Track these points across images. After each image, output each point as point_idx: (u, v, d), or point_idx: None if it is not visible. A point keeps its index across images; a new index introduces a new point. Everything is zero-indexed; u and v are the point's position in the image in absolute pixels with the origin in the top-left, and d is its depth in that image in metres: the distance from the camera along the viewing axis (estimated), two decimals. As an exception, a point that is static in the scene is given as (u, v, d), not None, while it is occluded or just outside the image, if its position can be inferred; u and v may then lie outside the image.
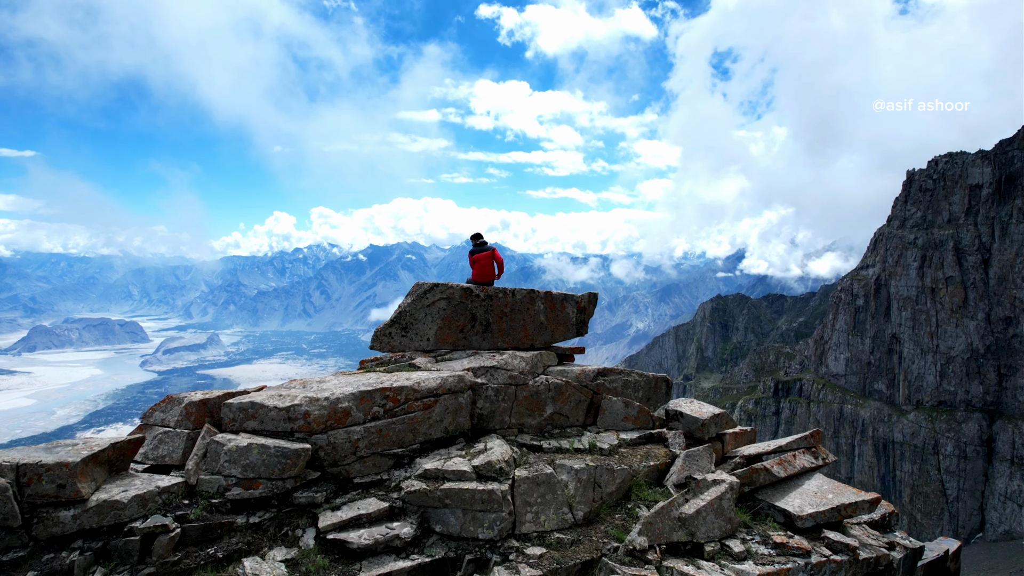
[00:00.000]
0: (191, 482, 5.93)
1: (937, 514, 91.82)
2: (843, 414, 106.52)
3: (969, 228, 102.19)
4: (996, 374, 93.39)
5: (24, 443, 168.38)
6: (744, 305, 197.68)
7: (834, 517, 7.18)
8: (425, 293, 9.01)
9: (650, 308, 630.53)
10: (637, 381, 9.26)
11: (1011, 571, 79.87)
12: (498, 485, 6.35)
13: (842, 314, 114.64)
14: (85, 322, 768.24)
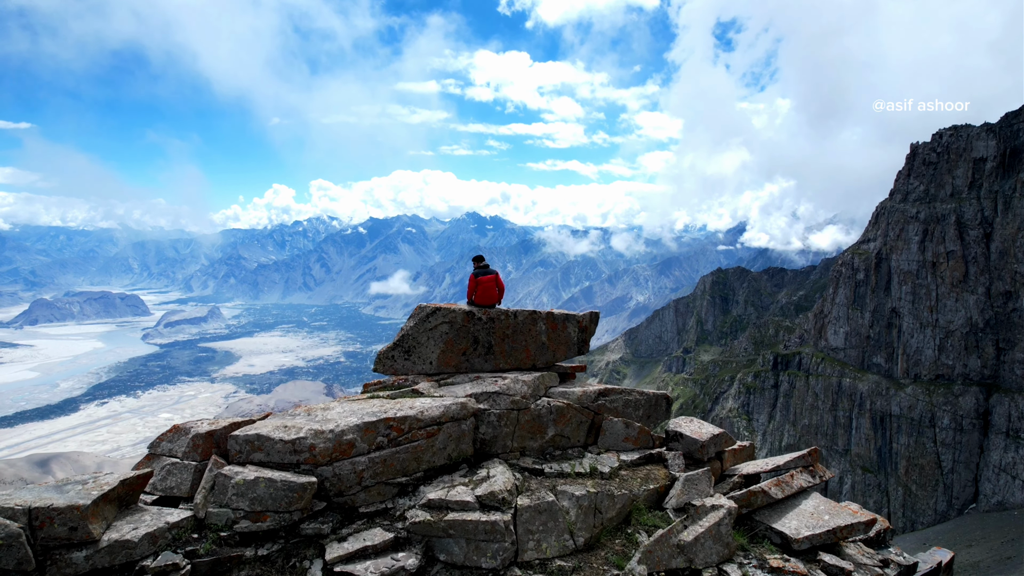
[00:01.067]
0: (199, 515, 6.03)
1: (932, 485, 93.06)
2: (841, 387, 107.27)
3: (972, 202, 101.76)
4: (994, 348, 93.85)
5: (29, 415, 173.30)
6: (744, 278, 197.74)
7: (830, 539, 7.29)
8: (427, 317, 9.01)
9: (650, 281, 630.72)
10: (638, 400, 9.29)
11: (1002, 540, 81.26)
12: (501, 516, 6.45)
13: (842, 288, 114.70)
14: (86, 295, 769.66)
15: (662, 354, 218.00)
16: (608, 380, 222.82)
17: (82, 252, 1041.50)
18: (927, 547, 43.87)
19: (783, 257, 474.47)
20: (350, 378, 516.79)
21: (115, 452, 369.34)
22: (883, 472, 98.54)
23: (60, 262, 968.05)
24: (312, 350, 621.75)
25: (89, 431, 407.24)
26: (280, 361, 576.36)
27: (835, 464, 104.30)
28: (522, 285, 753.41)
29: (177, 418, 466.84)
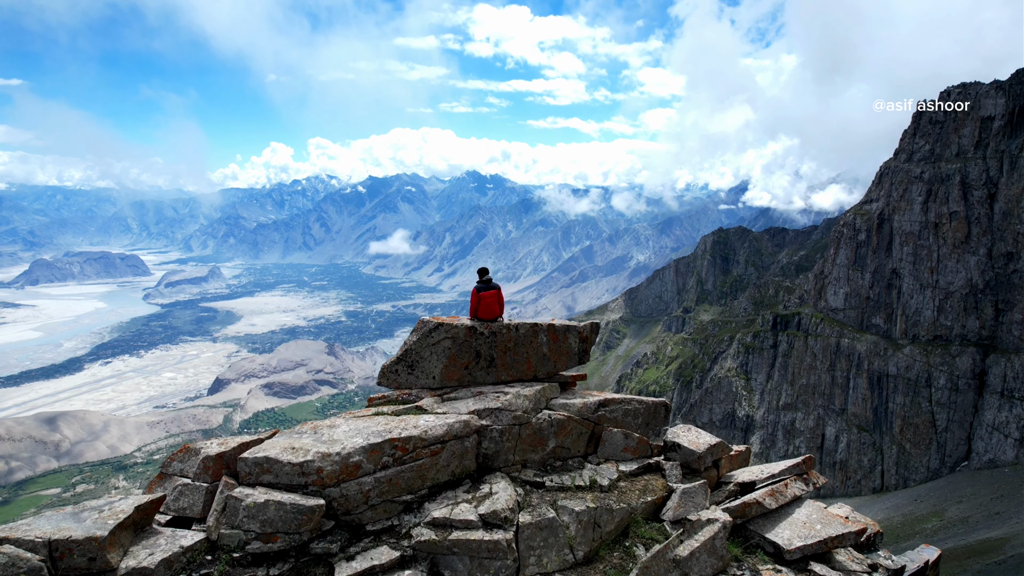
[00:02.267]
0: (212, 537, 6.20)
1: (925, 444, 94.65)
2: (840, 348, 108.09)
3: (977, 162, 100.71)
4: (993, 309, 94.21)
5: (35, 374, 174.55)
6: (745, 238, 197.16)
7: (821, 549, 7.55)
8: (430, 332, 9.09)
9: (651, 240, 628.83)
10: (637, 408, 9.46)
11: (991, 496, 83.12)
12: (503, 534, 6.66)
13: (843, 249, 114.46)
14: (86, 255, 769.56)
15: (662, 314, 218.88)
16: (607, 340, 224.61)
17: (80, 212, 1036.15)
18: (919, 503, 45.33)
19: (785, 217, 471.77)
20: (351, 337, 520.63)
21: (120, 411, 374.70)
22: (878, 431, 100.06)
23: (58, 222, 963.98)
24: (313, 309, 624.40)
25: (94, 390, 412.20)
26: (281, 320, 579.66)
27: (831, 423, 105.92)
28: (522, 244, 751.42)
29: (180, 377, 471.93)
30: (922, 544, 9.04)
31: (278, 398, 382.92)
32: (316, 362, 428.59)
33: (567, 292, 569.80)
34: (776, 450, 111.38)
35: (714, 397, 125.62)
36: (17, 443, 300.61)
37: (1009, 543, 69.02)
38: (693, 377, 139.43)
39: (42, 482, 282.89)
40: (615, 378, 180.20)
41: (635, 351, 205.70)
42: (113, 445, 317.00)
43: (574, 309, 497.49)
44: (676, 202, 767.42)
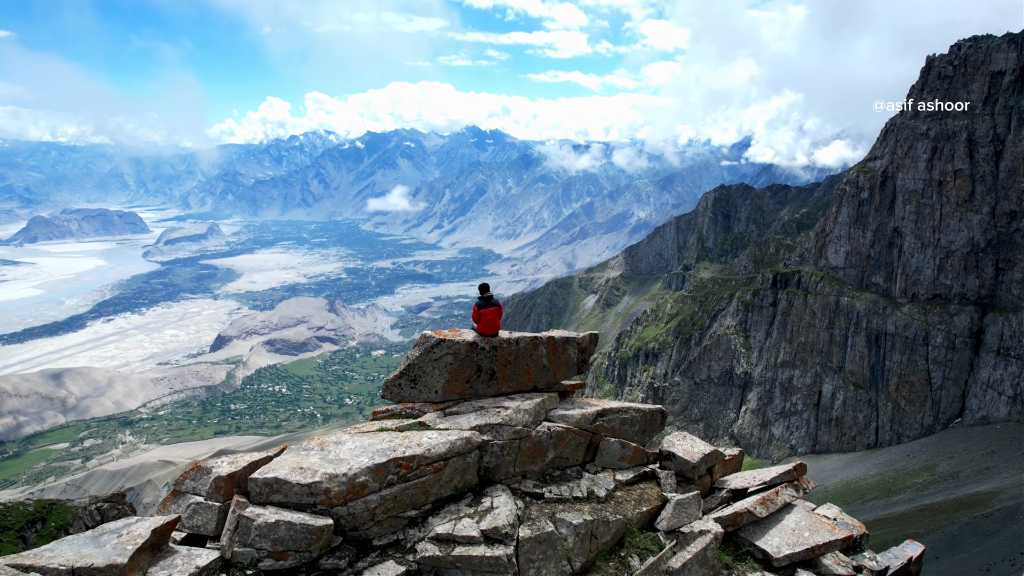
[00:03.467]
0: (226, 556, 6.51)
1: (920, 401, 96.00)
2: (839, 306, 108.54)
3: (985, 118, 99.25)
4: (993, 268, 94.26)
5: (38, 331, 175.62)
6: (747, 195, 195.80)
7: (808, 556, 7.90)
8: (432, 348, 9.30)
9: (652, 197, 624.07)
10: (634, 416, 9.73)
11: (982, 452, 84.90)
12: (504, 549, 7.02)
13: (845, 207, 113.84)
14: (83, 213, 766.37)
15: (662, 271, 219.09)
16: (607, 297, 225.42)
17: (76, 168, 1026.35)
18: (912, 458, 46.12)
19: (788, 173, 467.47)
20: (351, 294, 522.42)
21: (124, 367, 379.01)
22: (874, 388, 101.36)
23: (54, 179, 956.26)
24: (313, 266, 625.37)
25: (98, 347, 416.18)
26: (282, 278, 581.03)
27: (828, 380, 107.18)
28: (523, 201, 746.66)
29: (182, 335, 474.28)
30: (907, 540, 9.33)
31: (280, 355, 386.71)
32: (317, 319, 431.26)
33: (567, 249, 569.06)
34: (773, 407, 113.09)
35: (713, 354, 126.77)
36: (24, 399, 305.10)
37: (997, 497, 70.81)
38: (692, 335, 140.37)
39: (50, 436, 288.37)
40: (614, 335, 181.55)
41: (635, 308, 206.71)
42: (118, 401, 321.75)
43: (574, 266, 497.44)
44: (678, 158, 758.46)
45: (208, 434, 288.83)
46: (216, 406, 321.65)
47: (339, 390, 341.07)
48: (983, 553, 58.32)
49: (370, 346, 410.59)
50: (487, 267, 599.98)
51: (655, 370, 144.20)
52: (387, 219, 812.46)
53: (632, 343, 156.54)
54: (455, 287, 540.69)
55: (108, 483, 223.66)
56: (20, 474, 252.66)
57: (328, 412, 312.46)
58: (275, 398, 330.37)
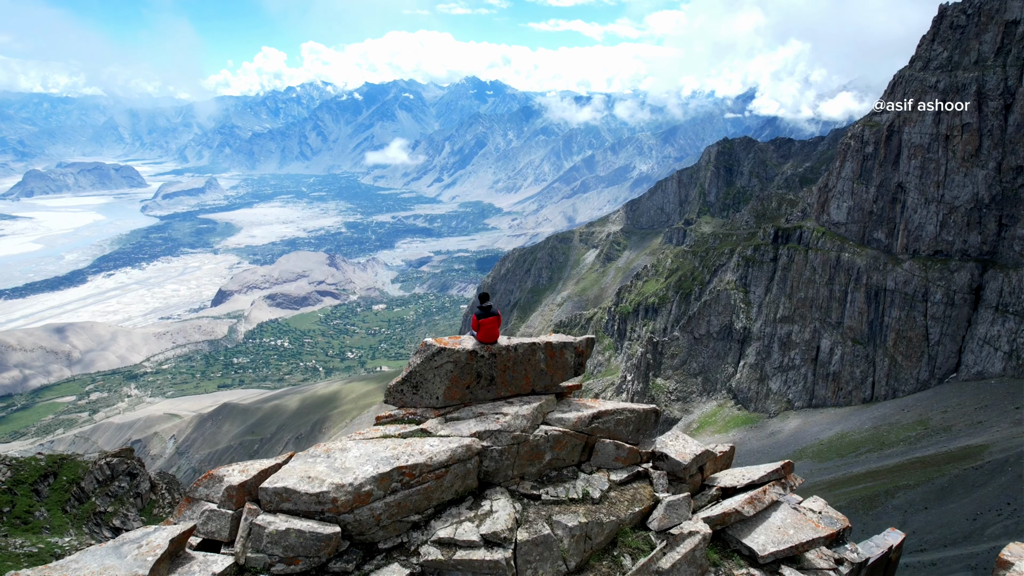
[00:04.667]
0: (240, 561, 6.90)
1: (917, 356, 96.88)
2: (839, 262, 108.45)
3: (996, 70, 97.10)
4: (996, 224, 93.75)
5: (39, 286, 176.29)
6: (751, 149, 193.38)
7: (792, 553, 8.29)
8: (433, 356, 9.58)
9: (654, 150, 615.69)
10: (628, 417, 10.11)
11: (976, 407, 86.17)
12: (503, 553, 7.43)
13: (849, 161, 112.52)
14: (79, 166, 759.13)
15: (663, 225, 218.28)
16: (608, 252, 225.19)
17: (70, 121, 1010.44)
18: (906, 412, 46.89)
19: (792, 126, 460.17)
20: (351, 248, 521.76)
21: (127, 322, 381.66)
22: (872, 344, 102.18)
23: (48, 131, 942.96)
24: (312, 220, 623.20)
25: (99, 302, 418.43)
26: (281, 232, 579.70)
27: (827, 336, 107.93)
28: (523, 154, 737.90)
29: (183, 289, 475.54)
30: (888, 528, 9.56)
31: (281, 309, 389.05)
32: (317, 273, 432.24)
33: (568, 203, 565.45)
34: (771, 361, 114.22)
35: (712, 310, 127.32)
36: (29, 353, 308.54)
37: (988, 450, 72.23)
38: (692, 290, 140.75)
39: (57, 389, 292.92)
40: (614, 290, 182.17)
41: (635, 263, 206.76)
42: (122, 355, 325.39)
43: (575, 220, 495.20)
44: (680, 110, 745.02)
45: (212, 388, 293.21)
46: (219, 360, 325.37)
47: (341, 344, 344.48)
48: (971, 504, 59.90)
49: (371, 300, 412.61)
50: (487, 221, 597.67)
51: (654, 325, 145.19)
52: (386, 172, 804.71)
53: (632, 298, 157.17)
54: (455, 241, 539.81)
55: (115, 435, 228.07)
56: (29, 426, 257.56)
57: (330, 366, 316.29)
58: (277, 352, 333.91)
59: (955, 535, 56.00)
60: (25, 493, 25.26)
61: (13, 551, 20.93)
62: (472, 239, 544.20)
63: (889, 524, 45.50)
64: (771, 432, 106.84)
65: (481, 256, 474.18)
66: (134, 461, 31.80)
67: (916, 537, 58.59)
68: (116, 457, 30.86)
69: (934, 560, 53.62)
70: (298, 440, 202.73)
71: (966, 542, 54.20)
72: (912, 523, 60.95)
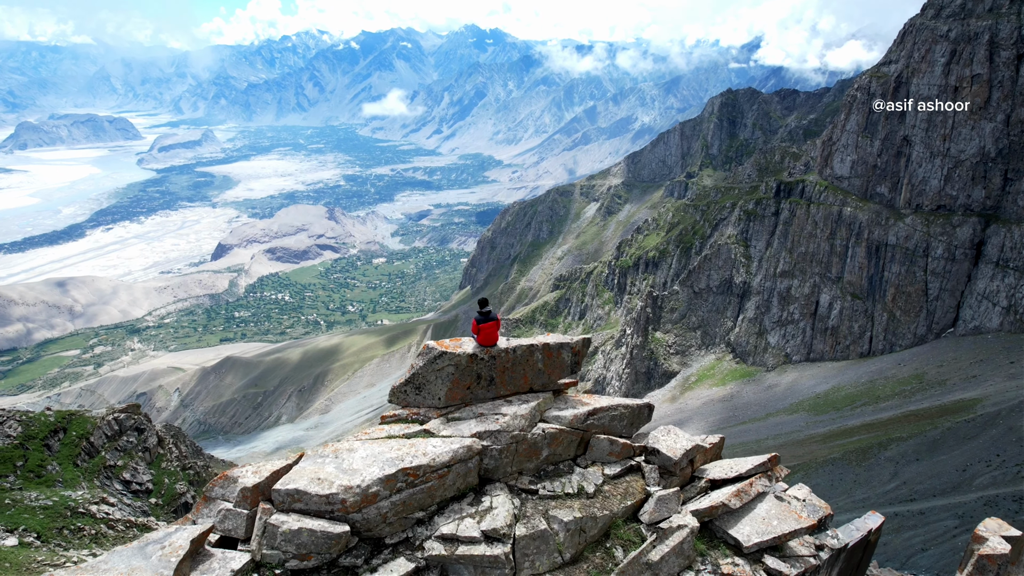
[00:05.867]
0: (256, 558, 7.40)
1: (915, 311, 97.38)
2: (841, 216, 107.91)
3: (1010, 18, 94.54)
4: (1001, 178, 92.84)
5: (38, 240, 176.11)
6: (755, 100, 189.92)
7: (775, 543, 8.77)
8: (435, 359, 9.96)
9: (656, 101, 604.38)
10: (623, 413, 10.50)
11: (971, 361, 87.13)
12: (502, 547, 7.90)
13: (855, 114, 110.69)
14: (72, 118, 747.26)
15: (665, 178, 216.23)
16: (609, 205, 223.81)
17: (60, 71, 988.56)
18: (902, 367, 47.59)
19: (798, 76, 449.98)
20: (350, 202, 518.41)
21: (127, 276, 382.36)
22: (871, 299, 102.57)
23: (38, 81, 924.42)
24: (311, 173, 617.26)
25: (99, 256, 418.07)
26: (280, 185, 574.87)
27: (826, 290, 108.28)
28: (523, 105, 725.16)
29: (183, 243, 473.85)
30: (869, 512, 9.86)
31: (281, 263, 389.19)
32: (317, 227, 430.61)
33: (569, 155, 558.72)
34: (770, 316, 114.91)
35: (712, 264, 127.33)
36: (31, 307, 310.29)
37: (981, 403, 73.42)
38: (693, 243, 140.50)
39: (61, 343, 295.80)
40: (615, 244, 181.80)
41: (636, 216, 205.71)
42: (124, 309, 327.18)
43: (575, 172, 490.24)
44: (684, 60, 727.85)
45: (214, 341, 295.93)
46: (220, 314, 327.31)
47: (341, 297, 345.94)
48: (961, 455, 61.29)
49: (371, 254, 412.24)
50: (487, 173, 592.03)
51: (654, 279, 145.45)
52: (385, 124, 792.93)
53: (632, 252, 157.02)
54: (455, 194, 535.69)
55: (120, 388, 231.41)
56: (36, 379, 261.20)
57: (331, 319, 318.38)
58: (278, 306, 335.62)
59: (944, 485, 57.51)
60: (37, 448, 25.90)
61: (29, 504, 21.57)
62: (472, 192, 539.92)
63: (881, 475, 46.73)
64: (768, 385, 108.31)
65: (481, 209, 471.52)
66: (141, 416, 32.45)
67: (906, 487, 60.20)
68: (123, 413, 31.45)
69: (923, 509, 55.19)
70: (301, 392, 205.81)
71: (955, 492, 55.70)
72: (903, 474, 62.50)
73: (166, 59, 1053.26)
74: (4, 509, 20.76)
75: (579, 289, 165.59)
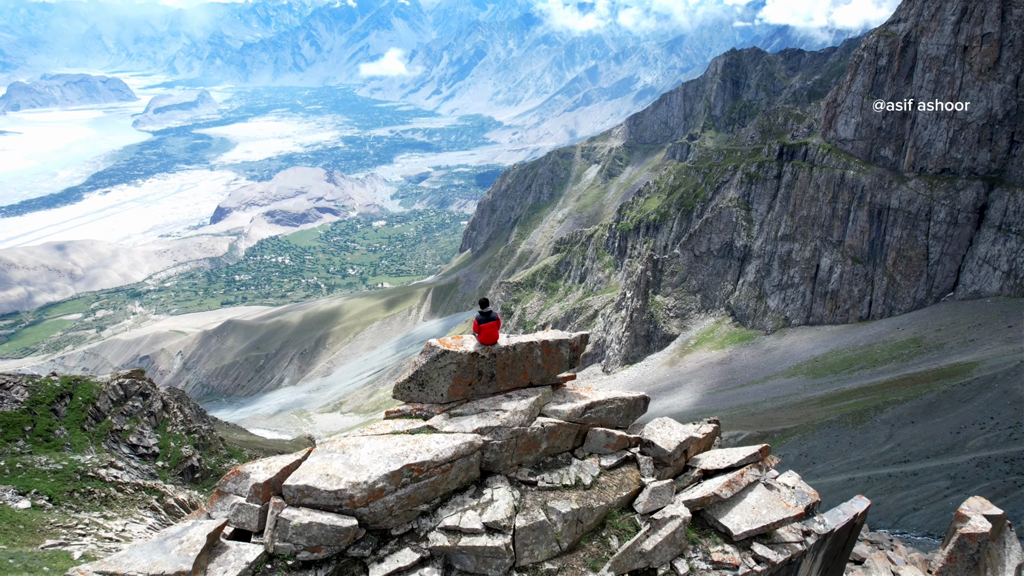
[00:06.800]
0: (269, 550, 7.86)
1: (916, 276, 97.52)
2: (844, 180, 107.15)
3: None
4: (1008, 141, 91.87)
5: (35, 203, 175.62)
6: (759, 60, 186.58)
7: (764, 531, 9.18)
8: (437, 358, 10.31)
9: (659, 61, 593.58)
10: (619, 406, 10.90)
11: (969, 325, 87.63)
12: (503, 539, 8.35)
13: (861, 75, 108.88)
14: (65, 78, 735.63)
15: (667, 140, 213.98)
16: (610, 167, 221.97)
17: (50, 29, 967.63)
18: (900, 330, 48.10)
19: (804, 36, 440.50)
20: (349, 164, 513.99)
21: (126, 240, 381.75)
22: (872, 263, 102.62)
23: (28, 40, 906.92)
24: (309, 135, 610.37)
25: (98, 219, 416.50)
26: (278, 147, 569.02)
27: (827, 254, 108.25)
28: (524, 64, 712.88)
29: (181, 206, 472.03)
30: (856, 496, 10.17)
31: (280, 226, 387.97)
32: (316, 189, 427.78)
33: (570, 116, 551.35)
34: (770, 279, 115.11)
35: (713, 227, 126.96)
36: (31, 271, 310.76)
37: (977, 367, 74.16)
38: (694, 206, 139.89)
39: (63, 307, 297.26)
40: (616, 206, 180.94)
41: (637, 179, 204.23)
42: (124, 273, 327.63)
43: (576, 134, 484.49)
44: (687, 18, 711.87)
45: (215, 304, 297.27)
46: (221, 277, 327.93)
47: (341, 260, 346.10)
48: (955, 418, 62.25)
49: (371, 216, 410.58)
50: (487, 135, 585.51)
51: (655, 242, 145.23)
52: (383, 84, 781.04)
53: (633, 215, 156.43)
54: (455, 156, 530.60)
55: (123, 351, 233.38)
56: (40, 342, 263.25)
57: (331, 282, 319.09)
58: (278, 269, 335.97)
59: (938, 447, 58.57)
60: (44, 413, 26.36)
61: (40, 468, 22.04)
62: (472, 154, 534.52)
63: (877, 437, 47.48)
64: (767, 349, 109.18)
65: (481, 171, 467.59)
66: (145, 382, 32.92)
67: (900, 449, 61.29)
68: (128, 378, 31.84)
69: (916, 471, 56.33)
70: (302, 355, 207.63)
71: (948, 454, 56.77)
72: (898, 436, 63.54)
73: (159, 17, 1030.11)
74: (16, 473, 21.22)
75: (579, 252, 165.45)
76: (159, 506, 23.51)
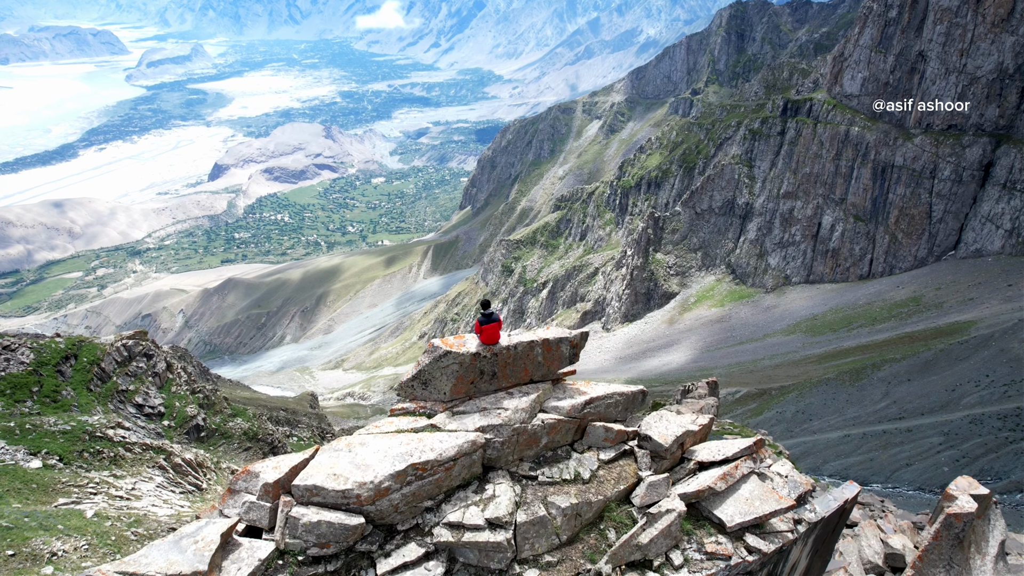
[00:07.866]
0: (280, 547, 8.23)
1: (918, 234, 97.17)
2: (848, 136, 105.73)
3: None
4: (1018, 96, 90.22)
5: (30, 160, 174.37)
6: (765, 12, 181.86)
7: (756, 522, 9.52)
8: (440, 358, 10.59)
9: (663, 12, 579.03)
10: (618, 400, 11.18)
11: (969, 284, 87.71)
12: (504, 534, 8.70)
13: (869, 27, 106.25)
14: (54, 31, 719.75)
15: (669, 95, 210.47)
16: (611, 123, 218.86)
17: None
18: (900, 289, 48.34)
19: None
20: (347, 119, 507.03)
21: (124, 197, 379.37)
22: (874, 221, 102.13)
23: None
24: (306, 90, 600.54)
25: (94, 177, 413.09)
26: (275, 102, 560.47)
27: (829, 212, 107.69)
28: (524, 16, 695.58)
29: (178, 163, 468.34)
30: (847, 481, 10.41)
31: (279, 183, 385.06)
32: (314, 146, 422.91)
33: (571, 70, 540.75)
34: (771, 237, 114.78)
35: (716, 184, 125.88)
36: (29, 229, 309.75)
37: (975, 326, 74.57)
38: (696, 163, 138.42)
39: (63, 265, 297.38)
40: (617, 163, 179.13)
41: (639, 135, 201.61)
42: (123, 231, 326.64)
43: (578, 88, 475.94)
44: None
45: (215, 263, 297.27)
46: (220, 235, 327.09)
47: (341, 218, 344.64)
48: (952, 376, 62.92)
49: (370, 173, 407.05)
50: (487, 89, 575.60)
51: (656, 199, 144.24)
52: (381, 37, 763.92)
53: (635, 171, 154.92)
54: (454, 111, 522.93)
55: (124, 309, 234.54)
56: (42, 301, 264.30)
57: (331, 240, 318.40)
58: (278, 226, 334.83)
59: (933, 404, 59.40)
60: (50, 374, 26.72)
61: (49, 428, 22.45)
62: (471, 109, 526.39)
63: (873, 394, 48.07)
64: (767, 307, 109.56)
65: (481, 127, 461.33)
66: (149, 343, 33.20)
67: (896, 406, 62.16)
68: (131, 339, 32.11)
69: (911, 427, 57.29)
70: (303, 313, 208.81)
71: (942, 411, 57.61)
72: (894, 393, 64.38)
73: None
74: (26, 433, 21.62)
75: (580, 209, 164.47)
76: (167, 465, 24.03)
